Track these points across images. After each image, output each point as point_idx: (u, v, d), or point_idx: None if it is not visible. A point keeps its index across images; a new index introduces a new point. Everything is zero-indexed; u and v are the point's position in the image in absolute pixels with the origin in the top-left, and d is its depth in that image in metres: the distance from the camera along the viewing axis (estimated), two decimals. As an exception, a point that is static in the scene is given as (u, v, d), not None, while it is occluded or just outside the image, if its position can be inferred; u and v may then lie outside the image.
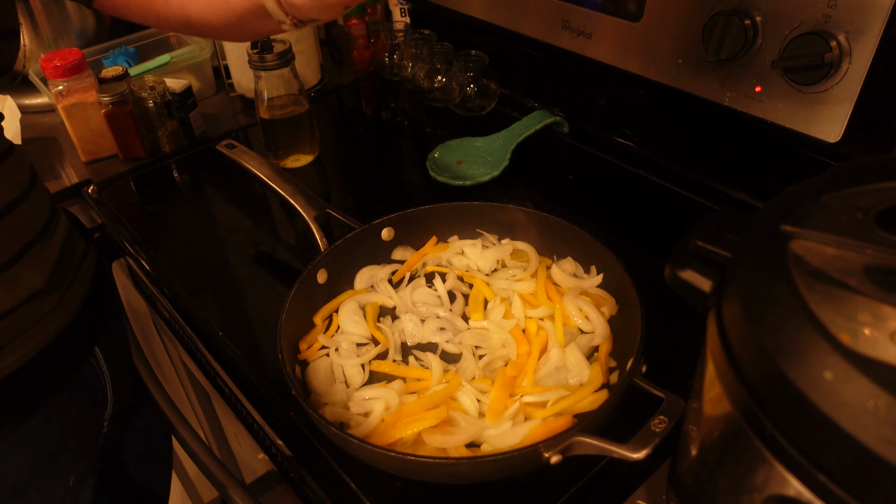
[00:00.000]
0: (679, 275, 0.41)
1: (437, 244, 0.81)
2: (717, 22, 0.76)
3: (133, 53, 1.21)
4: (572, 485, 0.56)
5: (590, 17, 0.93)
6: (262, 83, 0.96)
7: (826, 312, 0.30)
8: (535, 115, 1.05)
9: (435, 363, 0.66)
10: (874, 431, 0.27)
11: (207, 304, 0.80)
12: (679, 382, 0.58)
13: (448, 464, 0.52)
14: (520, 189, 0.96)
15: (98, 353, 0.70)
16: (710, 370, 0.38)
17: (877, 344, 0.29)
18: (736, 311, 0.34)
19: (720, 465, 0.39)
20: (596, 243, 0.71)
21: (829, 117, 0.73)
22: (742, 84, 0.80)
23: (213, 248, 0.90)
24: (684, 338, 0.68)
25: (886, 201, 0.34)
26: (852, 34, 0.68)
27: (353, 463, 0.58)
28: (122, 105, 1.02)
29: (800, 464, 0.31)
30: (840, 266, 0.32)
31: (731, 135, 0.86)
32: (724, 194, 0.90)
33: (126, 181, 1.04)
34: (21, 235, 0.60)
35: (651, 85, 0.90)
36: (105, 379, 0.71)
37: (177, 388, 1.14)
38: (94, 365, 0.69)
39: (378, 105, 1.24)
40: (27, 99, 1.23)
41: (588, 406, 0.60)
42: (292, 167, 1.03)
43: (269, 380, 0.67)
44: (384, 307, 0.75)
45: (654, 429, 0.50)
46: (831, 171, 0.39)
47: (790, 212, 0.36)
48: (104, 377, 0.71)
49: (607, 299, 0.70)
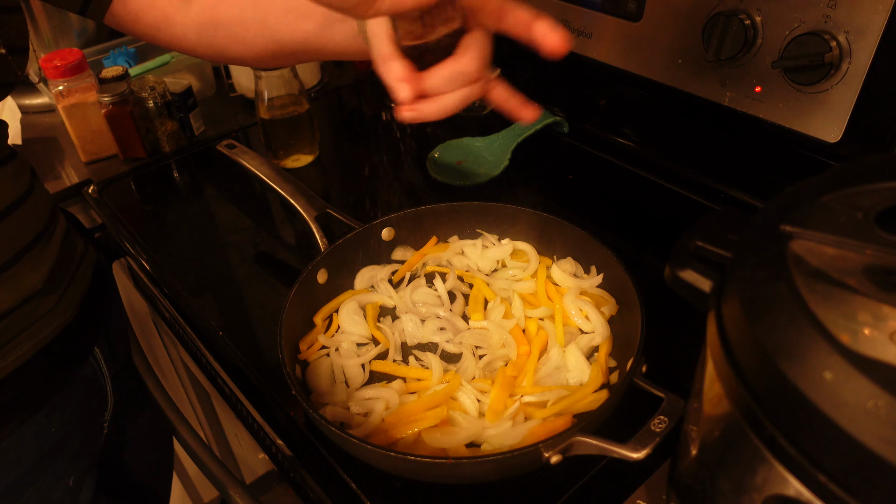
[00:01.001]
0: (679, 275, 0.41)
1: (437, 244, 0.81)
2: (717, 22, 0.76)
3: (133, 53, 1.21)
4: (572, 485, 0.56)
5: (590, 17, 0.93)
6: (263, 83, 0.96)
7: (826, 312, 0.30)
8: (535, 115, 1.05)
9: (435, 363, 0.66)
10: (874, 431, 0.27)
11: (207, 304, 0.80)
12: (679, 382, 0.58)
13: (448, 464, 0.52)
14: (520, 189, 0.96)
15: (98, 353, 0.70)
16: (710, 370, 0.38)
17: (877, 344, 0.29)
18: (736, 311, 0.34)
19: (720, 465, 0.39)
20: (596, 243, 0.71)
21: (829, 117, 0.73)
22: (742, 84, 0.80)
23: (213, 248, 0.90)
24: (684, 338, 0.68)
25: (886, 201, 0.34)
26: (852, 34, 0.68)
27: (353, 463, 0.58)
28: (123, 105, 1.02)
29: (800, 464, 0.31)
30: (840, 266, 0.32)
31: (731, 135, 0.86)
32: (724, 194, 0.90)
33: (126, 181, 1.04)
34: (20, 237, 0.61)
35: (651, 85, 0.90)
36: (105, 379, 0.71)
37: (177, 388, 1.14)
38: (93, 365, 0.69)
39: (378, 105, 1.24)
40: (27, 99, 1.23)
41: (588, 406, 0.60)
42: (292, 167, 1.03)
43: (269, 380, 0.67)
44: (384, 307, 0.75)
45: (654, 429, 0.50)
46: (831, 171, 0.39)
47: (790, 212, 0.36)
48: (104, 377, 0.71)
49: (607, 299, 0.70)
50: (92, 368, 0.69)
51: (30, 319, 0.61)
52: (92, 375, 0.69)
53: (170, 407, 0.81)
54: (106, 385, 0.72)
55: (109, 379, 0.72)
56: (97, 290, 0.72)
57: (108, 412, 0.72)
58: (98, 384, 0.71)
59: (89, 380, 0.69)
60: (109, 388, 0.72)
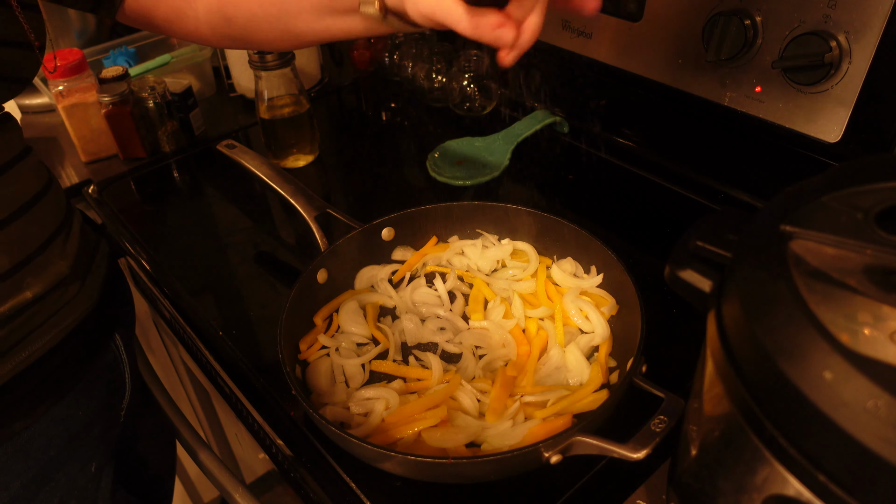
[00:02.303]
0: (679, 275, 0.41)
1: (437, 244, 0.81)
2: (717, 22, 0.76)
3: (133, 53, 1.21)
4: (572, 485, 0.56)
5: (590, 17, 0.93)
6: (263, 83, 0.96)
7: (826, 312, 0.30)
8: (535, 115, 1.05)
9: (435, 363, 0.66)
10: (874, 431, 0.27)
11: (207, 304, 0.80)
12: (679, 382, 0.58)
13: (448, 464, 0.52)
14: (520, 189, 0.96)
15: (118, 339, 0.72)
16: (710, 370, 0.38)
17: (877, 344, 0.29)
18: (736, 311, 0.34)
19: (720, 465, 0.39)
20: (596, 243, 0.71)
21: (829, 117, 0.73)
22: (742, 84, 0.80)
23: (213, 248, 0.90)
24: (684, 338, 0.68)
25: (886, 201, 0.34)
26: (852, 34, 0.68)
27: (353, 463, 0.58)
28: (123, 105, 1.02)
29: (800, 464, 0.31)
30: (840, 266, 0.32)
31: (731, 135, 0.86)
32: (724, 194, 0.89)
33: (126, 181, 1.04)
34: (47, 225, 0.63)
35: (651, 85, 0.90)
36: (124, 365, 0.73)
37: (177, 388, 1.14)
38: (114, 351, 0.71)
39: (378, 105, 1.24)
40: (27, 99, 1.23)
41: (588, 406, 0.60)
42: (292, 167, 1.03)
43: (269, 380, 0.67)
44: (384, 307, 0.75)
45: (654, 429, 0.50)
46: (831, 171, 0.39)
47: (790, 212, 0.36)
48: (123, 364, 0.73)
49: (607, 299, 0.70)
50: (114, 355, 0.71)
51: (57, 305, 0.62)
52: (113, 362, 0.71)
53: (170, 407, 0.81)
54: (125, 372, 0.73)
55: (128, 365, 0.74)
56: (113, 279, 0.74)
57: (125, 400, 0.74)
58: (119, 371, 0.72)
59: (111, 366, 0.71)
60: (128, 374, 0.74)
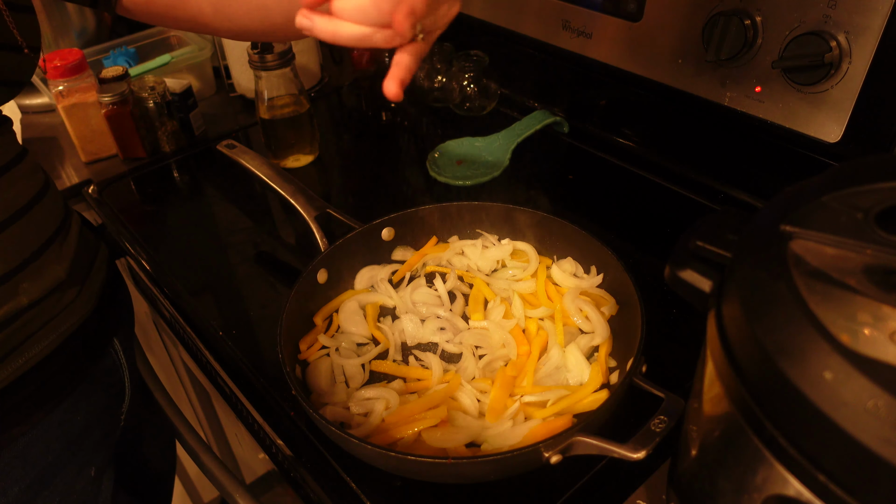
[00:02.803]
0: (679, 275, 0.41)
1: (437, 244, 0.81)
2: (717, 22, 0.76)
3: (133, 53, 1.21)
4: (572, 485, 0.56)
5: (590, 17, 0.93)
6: (263, 83, 0.96)
7: (826, 312, 0.30)
8: (535, 115, 1.05)
9: (435, 363, 0.66)
10: (874, 431, 0.27)
11: (207, 304, 0.80)
12: (679, 382, 0.58)
13: (448, 464, 0.52)
14: (520, 189, 0.96)
15: (117, 344, 0.72)
16: (710, 370, 0.38)
17: (877, 344, 0.29)
18: (736, 311, 0.34)
19: (720, 465, 0.39)
20: (596, 243, 0.71)
21: (829, 117, 0.73)
22: (742, 84, 0.80)
23: (213, 248, 0.90)
24: (684, 338, 0.68)
25: (886, 201, 0.34)
26: (852, 34, 0.68)
27: (353, 463, 0.58)
28: (123, 105, 1.02)
29: (800, 464, 0.31)
30: (840, 266, 0.32)
31: (731, 135, 0.86)
32: (724, 194, 0.90)
33: (126, 181, 1.04)
34: (44, 230, 0.63)
35: (651, 85, 0.90)
36: (123, 370, 0.73)
37: (177, 388, 1.14)
38: (113, 356, 0.71)
39: (378, 105, 1.24)
40: (27, 99, 1.22)
41: (588, 406, 0.60)
42: (292, 167, 1.03)
43: (269, 380, 0.67)
44: (384, 307, 0.75)
45: (654, 429, 0.50)
46: (831, 171, 0.39)
47: (790, 212, 0.36)
48: (122, 369, 0.73)
49: (607, 299, 0.70)
50: (112, 360, 0.71)
51: (54, 310, 0.62)
52: (112, 366, 0.71)
53: (171, 407, 0.81)
54: (124, 377, 0.73)
55: (127, 370, 0.73)
56: (112, 283, 0.74)
57: (125, 404, 0.73)
58: (118, 375, 0.72)
59: (110, 370, 0.71)
60: (127, 379, 0.74)
